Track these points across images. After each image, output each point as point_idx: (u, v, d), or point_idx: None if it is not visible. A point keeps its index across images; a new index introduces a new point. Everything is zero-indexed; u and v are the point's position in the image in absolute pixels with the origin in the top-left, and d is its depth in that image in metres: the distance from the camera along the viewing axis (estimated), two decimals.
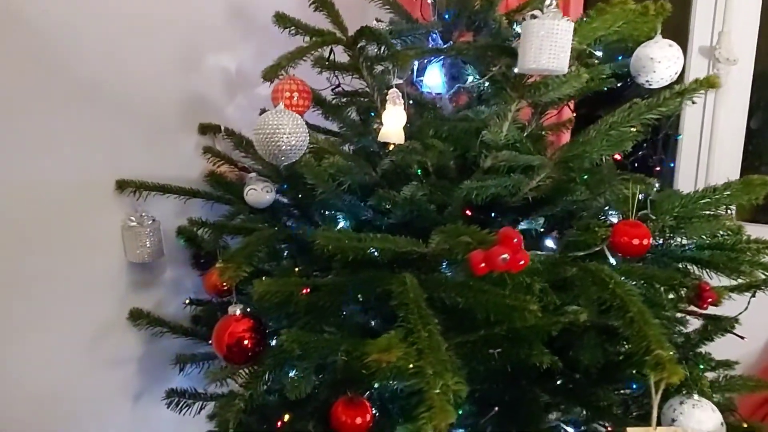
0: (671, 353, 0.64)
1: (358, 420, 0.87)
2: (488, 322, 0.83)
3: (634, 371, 0.99)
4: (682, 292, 0.86)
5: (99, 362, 1.23)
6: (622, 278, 0.81)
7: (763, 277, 0.94)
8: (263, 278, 0.80)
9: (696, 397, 0.90)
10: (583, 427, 1.00)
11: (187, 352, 1.28)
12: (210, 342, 1.24)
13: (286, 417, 0.90)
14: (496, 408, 0.91)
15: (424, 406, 0.56)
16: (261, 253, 0.90)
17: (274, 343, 0.89)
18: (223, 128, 1.38)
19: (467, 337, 0.79)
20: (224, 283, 1.16)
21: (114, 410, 1.27)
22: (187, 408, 1.22)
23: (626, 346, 1.06)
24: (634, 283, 0.93)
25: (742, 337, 0.97)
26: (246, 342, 0.86)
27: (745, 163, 1.78)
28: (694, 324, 1.11)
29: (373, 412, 0.90)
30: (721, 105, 1.78)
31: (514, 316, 0.73)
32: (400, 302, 0.71)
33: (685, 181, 1.84)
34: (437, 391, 0.58)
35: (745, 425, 0.98)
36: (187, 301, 1.34)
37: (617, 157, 1.19)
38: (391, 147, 1.01)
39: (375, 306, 0.94)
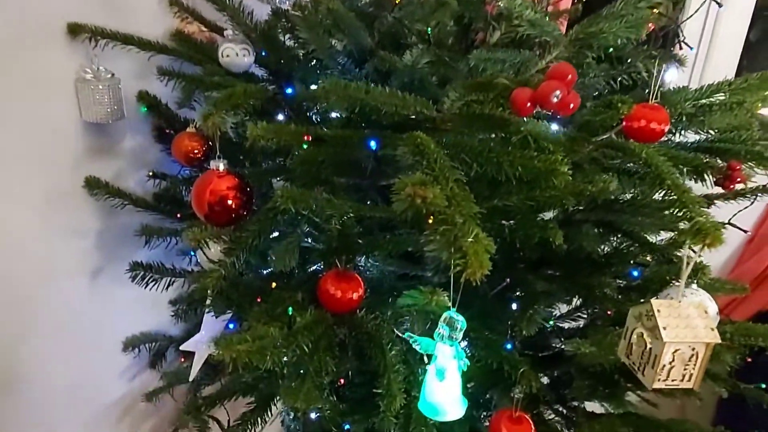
0: (711, 219, 0.60)
1: (350, 294, 0.81)
2: (507, 191, 0.76)
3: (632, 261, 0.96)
4: (708, 174, 0.81)
5: (52, 233, 1.10)
6: None
7: None
8: (258, 122, 0.68)
9: (694, 287, 0.89)
10: (581, 313, 0.98)
11: (153, 224, 1.16)
12: (178, 216, 1.13)
13: (273, 285, 0.81)
14: (507, 280, 0.86)
15: (457, 254, 0.49)
16: (248, 107, 0.78)
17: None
18: None
19: (481, 205, 0.72)
20: (196, 151, 1.04)
21: (70, 287, 1.16)
22: (153, 283, 1.12)
23: (623, 240, 1.04)
24: None
25: (745, 231, 0.95)
26: (230, 201, 0.76)
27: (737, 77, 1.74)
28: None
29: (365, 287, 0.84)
30: (723, 16, 1.70)
31: (542, 179, 0.65)
32: (418, 154, 0.62)
33: None
34: (470, 239, 0.50)
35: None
36: (151, 174, 1.20)
37: None
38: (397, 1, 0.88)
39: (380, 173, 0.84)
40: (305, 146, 0.71)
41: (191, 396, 1.20)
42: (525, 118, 0.84)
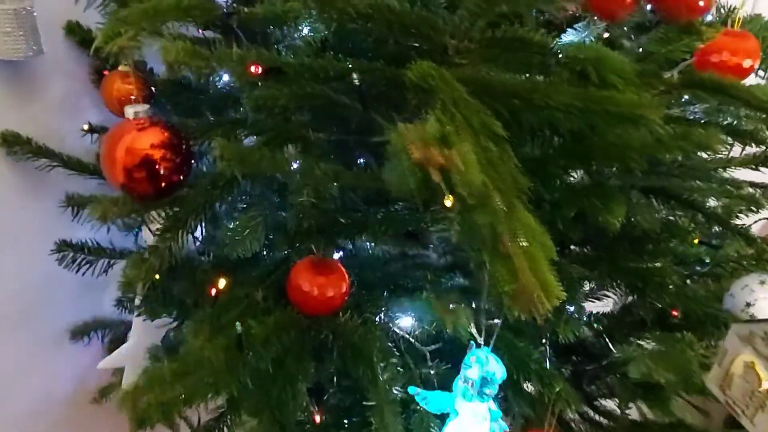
0: None
1: (330, 291, 0.59)
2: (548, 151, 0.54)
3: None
4: None
5: None
6: None
7: None
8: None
9: None
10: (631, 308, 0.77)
11: (84, 192, 0.93)
12: None
13: (221, 282, 0.60)
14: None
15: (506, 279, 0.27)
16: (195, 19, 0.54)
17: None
18: None
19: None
20: (132, 97, 0.80)
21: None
22: (87, 267, 0.90)
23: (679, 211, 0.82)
24: None
25: None
26: (157, 165, 0.53)
27: None
28: None
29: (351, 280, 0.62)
30: None
31: (614, 128, 0.43)
32: (427, 90, 0.39)
33: None
34: (523, 243, 0.28)
35: None
36: (86, 128, 0.96)
37: None
38: None
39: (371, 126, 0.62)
40: (259, 83, 0.48)
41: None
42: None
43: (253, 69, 0.45)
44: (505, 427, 0.38)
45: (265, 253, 0.66)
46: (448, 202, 0.30)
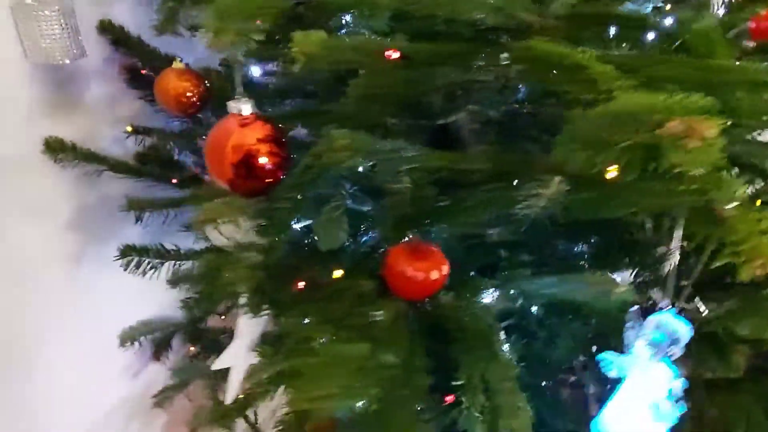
0: None
1: (433, 274, 0.59)
2: None
3: None
4: None
5: (9, 212, 0.85)
6: None
7: None
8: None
9: None
10: None
11: (141, 195, 0.91)
12: (174, 181, 0.89)
13: (336, 273, 0.59)
14: None
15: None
16: (267, 19, 0.53)
17: None
18: None
19: None
20: (189, 93, 0.79)
21: (44, 281, 0.92)
22: (152, 271, 0.89)
23: None
24: None
25: None
26: (263, 159, 0.53)
27: None
28: None
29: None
30: None
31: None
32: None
33: None
34: None
35: None
36: (129, 129, 0.94)
37: None
38: None
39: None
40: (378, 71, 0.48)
41: (214, 399, 1.01)
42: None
43: (390, 54, 0.44)
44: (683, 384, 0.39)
45: (348, 243, 0.66)
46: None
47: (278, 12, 0.54)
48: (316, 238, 0.63)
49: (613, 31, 0.58)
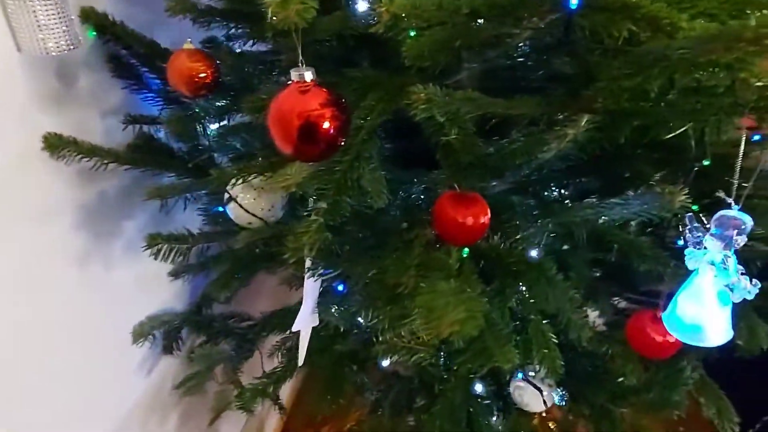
0: None
1: (481, 218, 0.64)
2: None
3: None
4: None
5: (9, 218, 0.82)
6: None
7: None
8: None
9: None
10: None
11: (150, 185, 0.90)
12: (190, 166, 0.89)
13: (404, 224, 0.62)
14: None
15: None
16: None
17: None
18: None
19: None
20: (202, 74, 0.79)
21: (53, 282, 0.89)
22: (181, 258, 0.88)
23: None
24: None
25: None
26: (326, 124, 0.55)
27: None
28: None
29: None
30: None
31: None
32: None
33: None
34: None
35: None
36: (128, 118, 0.92)
37: None
38: None
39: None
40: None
41: (235, 382, 1.02)
42: None
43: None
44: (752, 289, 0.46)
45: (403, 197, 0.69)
46: None
47: None
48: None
49: None
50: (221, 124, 0.90)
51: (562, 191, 0.70)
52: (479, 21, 0.51)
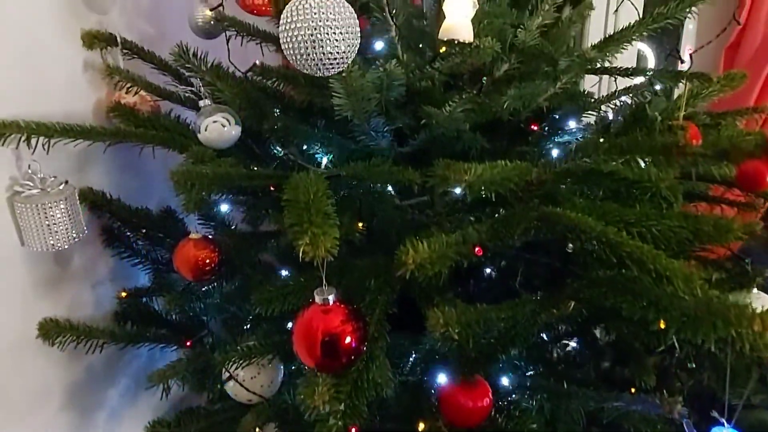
0: None
1: (486, 401, 0.69)
2: None
3: None
4: None
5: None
6: None
7: None
8: (420, 242, 0.52)
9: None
10: None
11: (150, 366, 0.89)
12: (188, 343, 0.89)
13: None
14: None
15: None
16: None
17: None
18: (119, 38, 0.94)
19: None
20: (207, 261, 0.82)
21: None
22: None
23: None
24: None
25: None
26: (348, 339, 0.58)
27: None
28: None
29: None
30: None
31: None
32: None
33: None
34: None
35: None
36: (124, 294, 0.92)
37: None
38: (454, 46, 0.76)
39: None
40: None
41: None
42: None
43: None
44: None
45: None
46: None
47: None
48: None
49: None
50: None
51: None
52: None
